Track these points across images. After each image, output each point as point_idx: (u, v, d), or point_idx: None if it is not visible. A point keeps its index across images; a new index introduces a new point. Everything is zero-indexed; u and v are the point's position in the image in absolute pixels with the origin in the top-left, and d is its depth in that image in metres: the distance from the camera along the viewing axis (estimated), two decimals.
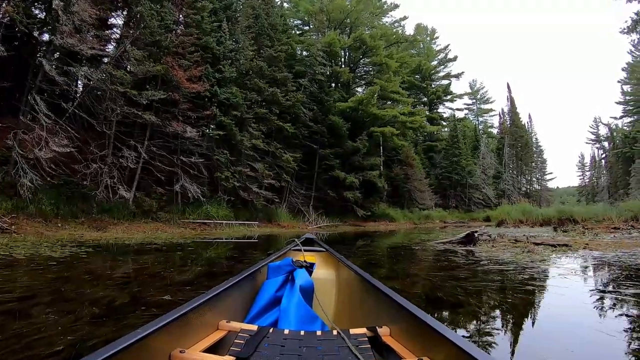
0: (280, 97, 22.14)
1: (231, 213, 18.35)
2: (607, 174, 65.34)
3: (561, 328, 2.58)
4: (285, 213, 23.27)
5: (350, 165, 28.67)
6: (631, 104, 55.14)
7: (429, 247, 8.45)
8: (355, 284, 2.23)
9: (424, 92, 53.79)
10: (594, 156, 72.35)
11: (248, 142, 19.17)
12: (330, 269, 2.96)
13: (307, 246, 3.42)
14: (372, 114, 30.55)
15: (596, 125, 69.44)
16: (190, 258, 6.65)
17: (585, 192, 67.70)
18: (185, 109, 17.04)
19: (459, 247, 7.99)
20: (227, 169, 18.08)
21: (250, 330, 1.53)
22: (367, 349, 1.38)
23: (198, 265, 5.72)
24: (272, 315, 1.95)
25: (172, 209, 16.71)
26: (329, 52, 31.45)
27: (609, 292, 3.55)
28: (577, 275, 4.45)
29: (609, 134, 66.08)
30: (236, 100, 18.87)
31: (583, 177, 73.92)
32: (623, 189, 51.63)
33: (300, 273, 2.24)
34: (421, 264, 6.36)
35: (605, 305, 3.13)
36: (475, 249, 7.53)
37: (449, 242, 8.80)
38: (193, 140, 17.17)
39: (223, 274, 4.72)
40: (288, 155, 22.23)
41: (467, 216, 41.57)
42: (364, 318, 1.87)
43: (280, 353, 1.34)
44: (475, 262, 5.88)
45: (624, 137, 55.78)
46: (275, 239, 14.34)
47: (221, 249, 8.97)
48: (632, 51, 53.75)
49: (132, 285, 3.94)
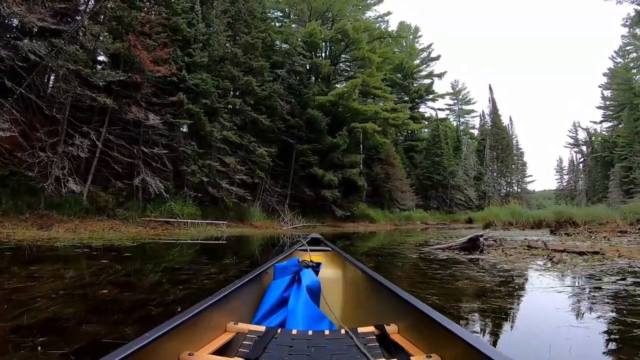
0: (256, 86, 20.85)
1: (198, 211, 16.95)
2: (585, 177, 67.37)
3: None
4: (259, 212, 21.96)
5: (329, 162, 27.47)
6: (611, 108, 56.51)
7: (427, 255, 7.17)
8: (362, 283, 2.27)
9: (406, 91, 53.23)
10: (572, 160, 74.70)
11: (219, 134, 17.77)
12: (337, 268, 3.00)
13: (313, 246, 3.42)
14: (353, 109, 29.42)
15: (575, 130, 71.58)
16: (90, 279, 4.28)
17: (563, 195, 69.65)
18: (149, 94, 15.63)
19: (461, 255, 6.90)
20: (194, 162, 16.66)
21: (258, 331, 1.53)
22: (375, 347, 1.36)
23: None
24: (280, 316, 1.95)
25: (132, 205, 15.27)
26: (309, 43, 30.26)
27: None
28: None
29: (588, 138, 68.11)
30: (207, 87, 17.50)
31: (561, 181, 76.26)
32: (602, 192, 52.88)
33: (306, 273, 2.25)
34: (431, 284, 4.23)
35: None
36: (482, 257, 6.45)
37: (447, 247, 7.72)
38: (156, 129, 15.72)
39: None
40: (262, 150, 20.91)
41: (449, 217, 41.34)
42: (371, 316, 1.88)
43: (289, 353, 1.33)
44: (505, 279, 4.46)
45: (604, 141, 57.32)
46: (246, 241, 13.22)
47: (175, 257, 7.66)
48: (613, 57, 54.94)
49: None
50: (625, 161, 45.22)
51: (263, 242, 12.78)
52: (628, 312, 2.85)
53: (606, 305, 3.11)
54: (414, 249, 8.89)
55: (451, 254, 7.16)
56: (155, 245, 9.43)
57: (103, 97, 13.27)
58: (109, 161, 14.68)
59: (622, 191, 43.24)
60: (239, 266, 5.90)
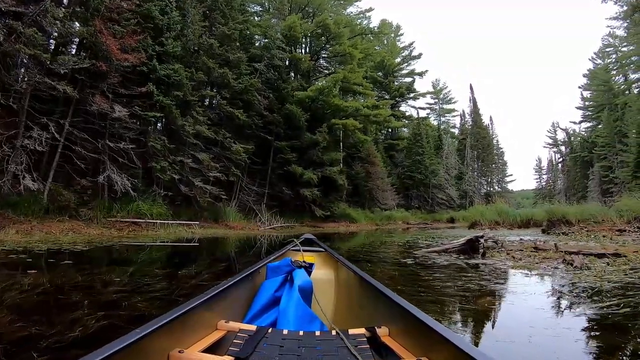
0: (232, 79, 20.04)
1: (169, 211, 16.08)
2: (564, 177, 68.97)
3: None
4: (235, 212, 21.15)
5: (309, 160, 26.75)
6: (590, 109, 57.65)
7: (424, 260, 6.35)
8: (354, 284, 2.23)
9: (387, 90, 52.96)
10: (551, 160, 76.47)
11: (191, 128, 16.89)
12: (329, 269, 2.99)
13: (306, 246, 3.40)
14: (333, 105, 28.72)
15: (554, 130, 73.16)
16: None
17: (542, 195, 71.18)
18: (116, 84, 14.72)
19: (461, 259, 6.28)
20: (165, 159, 15.77)
21: (249, 330, 1.52)
22: (365, 349, 1.37)
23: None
24: (271, 316, 1.95)
25: (98, 205, 14.36)
26: (289, 37, 29.54)
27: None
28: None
29: (567, 138, 69.68)
30: (179, 78, 16.63)
31: (540, 180, 78.03)
32: (581, 191, 53.98)
33: (299, 273, 2.24)
34: (448, 304, 3.46)
35: None
36: (486, 261, 5.86)
37: (444, 250, 7.16)
38: (123, 122, 14.80)
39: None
40: (238, 146, 20.08)
41: (431, 217, 41.30)
42: (362, 318, 1.88)
43: (279, 353, 1.32)
44: (545, 295, 3.59)
45: (583, 141, 58.44)
46: (220, 243, 12.52)
47: (127, 264, 6.90)
48: (593, 58, 56.02)
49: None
50: (605, 161, 46.32)
51: (240, 244, 12.15)
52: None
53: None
54: (406, 252, 8.23)
55: (449, 257, 6.56)
56: (113, 249, 8.63)
57: (63, 86, 12.32)
58: (71, 156, 13.73)
59: (601, 190, 43.98)
60: (198, 279, 4.76)
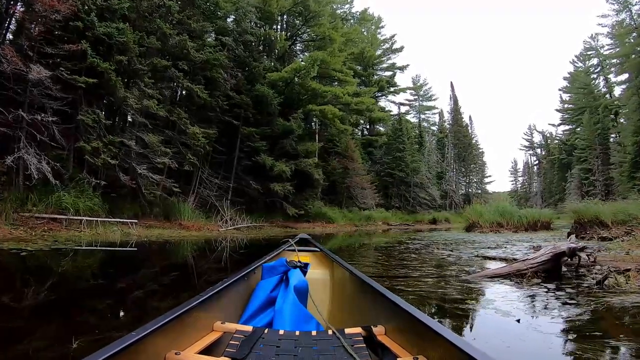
0: (192, 49, 16.91)
1: (104, 205, 12.92)
2: (540, 179, 69.57)
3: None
4: (193, 209, 18.06)
5: (281, 150, 23.73)
6: (569, 112, 57.86)
7: (489, 296, 3.80)
8: (350, 284, 2.24)
9: (367, 83, 50.69)
10: (527, 162, 77.07)
11: (136, 102, 13.71)
12: (325, 269, 3.02)
13: (301, 246, 3.39)
14: (310, 88, 25.61)
15: (530, 133, 73.55)
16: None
17: (517, 197, 71.90)
18: (40, 39, 11.55)
19: (545, 290, 3.80)
20: (99, 138, 12.57)
21: (245, 331, 1.53)
22: (362, 348, 1.37)
23: None
24: (267, 316, 1.94)
25: (10, 196, 11.14)
26: (263, 11, 26.59)
27: None
28: None
29: (544, 141, 70.24)
30: (124, 40, 13.49)
31: (515, 182, 78.63)
32: (558, 194, 54.09)
33: (294, 273, 2.23)
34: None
35: None
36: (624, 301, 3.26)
37: (507, 274, 4.54)
38: (45, 89, 11.59)
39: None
40: (196, 128, 16.98)
41: (412, 218, 39.48)
42: (359, 317, 1.88)
43: (276, 353, 1.33)
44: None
45: (562, 144, 58.67)
46: (164, 250, 9.68)
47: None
48: (574, 61, 56.23)
49: None
50: (585, 163, 46.34)
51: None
52: None
53: None
54: (448, 275, 5.17)
55: (528, 287, 3.88)
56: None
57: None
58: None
59: (581, 193, 43.51)
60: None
